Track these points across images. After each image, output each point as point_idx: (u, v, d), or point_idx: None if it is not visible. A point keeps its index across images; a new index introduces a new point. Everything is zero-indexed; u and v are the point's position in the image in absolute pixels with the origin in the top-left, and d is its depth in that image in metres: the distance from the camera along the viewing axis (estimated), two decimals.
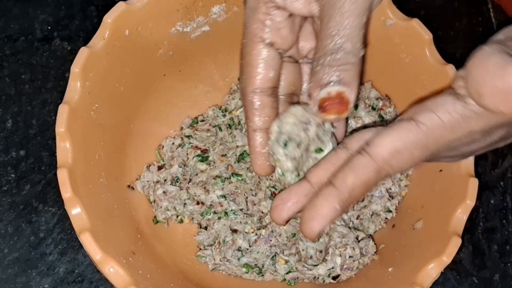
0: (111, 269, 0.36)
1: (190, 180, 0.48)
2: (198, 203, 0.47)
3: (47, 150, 0.51)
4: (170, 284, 0.41)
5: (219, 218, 0.47)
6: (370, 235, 0.46)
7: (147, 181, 0.48)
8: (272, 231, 0.46)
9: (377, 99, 0.49)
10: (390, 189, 0.46)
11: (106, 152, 0.43)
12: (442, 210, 0.40)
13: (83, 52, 0.40)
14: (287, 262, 0.45)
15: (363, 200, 0.46)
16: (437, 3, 0.60)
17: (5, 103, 0.52)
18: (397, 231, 0.45)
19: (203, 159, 0.48)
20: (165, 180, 0.48)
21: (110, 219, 0.40)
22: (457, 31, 0.59)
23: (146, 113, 0.49)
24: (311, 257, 0.44)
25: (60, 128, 0.38)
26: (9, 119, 0.51)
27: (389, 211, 0.46)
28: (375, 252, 0.44)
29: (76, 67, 0.39)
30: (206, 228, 0.48)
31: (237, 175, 0.48)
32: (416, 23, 0.43)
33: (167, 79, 0.49)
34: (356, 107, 0.49)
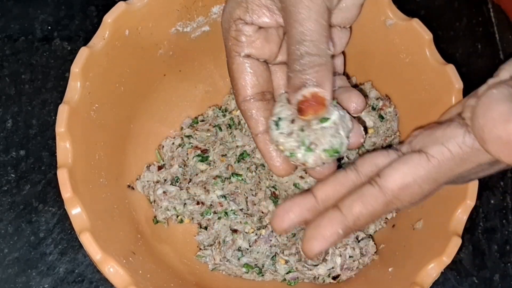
0: (111, 269, 0.36)
1: (190, 180, 0.48)
2: (198, 203, 0.47)
3: (47, 150, 0.51)
4: (170, 284, 0.41)
5: (219, 218, 0.47)
6: (370, 235, 0.46)
7: (147, 181, 0.48)
8: (272, 231, 0.46)
9: (377, 99, 0.49)
10: None
11: (106, 152, 0.43)
12: (442, 210, 0.40)
13: (83, 52, 0.40)
14: (287, 262, 0.45)
15: None
16: (437, 3, 0.60)
17: (5, 103, 0.52)
18: (397, 231, 0.45)
19: (203, 159, 0.48)
20: (165, 180, 0.48)
21: (110, 219, 0.40)
22: (457, 31, 0.59)
23: (146, 113, 0.49)
24: None
25: (60, 128, 0.38)
26: (9, 119, 0.51)
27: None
28: (375, 252, 0.44)
29: (76, 67, 0.39)
30: (206, 228, 0.48)
31: (237, 175, 0.48)
32: (416, 23, 0.43)
33: (167, 79, 0.49)
34: None
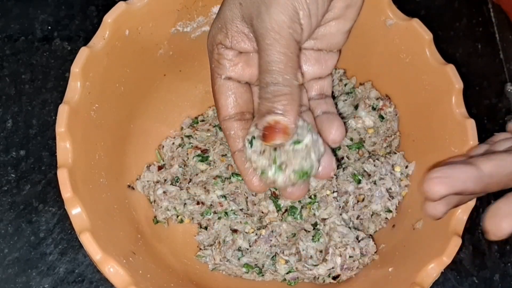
0: (111, 269, 0.36)
1: (190, 180, 0.48)
2: (198, 203, 0.47)
3: (47, 150, 0.51)
4: (170, 284, 0.41)
5: (219, 218, 0.47)
6: (370, 235, 0.46)
7: (147, 181, 0.48)
8: (272, 231, 0.46)
9: (377, 99, 0.49)
10: (390, 189, 0.46)
11: (106, 152, 0.43)
12: None
13: (83, 52, 0.40)
14: (287, 262, 0.45)
15: (363, 200, 0.46)
16: (437, 3, 0.60)
17: (5, 103, 0.52)
18: (397, 231, 0.45)
19: (203, 159, 0.48)
20: (165, 180, 0.48)
21: (110, 219, 0.40)
22: (457, 31, 0.59)
23: (146, 113, 0.49)
24: (311, 257, 0.44)
25: (60, 128, 0.38)
26: (9, 119, 0.51)
27: (389, 211, 0.46)
28: (375, 252, 0.44)
29: (76, 67, 0.39)
30: (206, 228, 0.48)
31: (237, 175, 0.48)
32: (416, 23, 0.43)
33: (167, 79, 0.49)
34: (357, 107, 0.49)
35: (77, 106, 0.39)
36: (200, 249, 0.47)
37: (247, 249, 0.46)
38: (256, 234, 0.46)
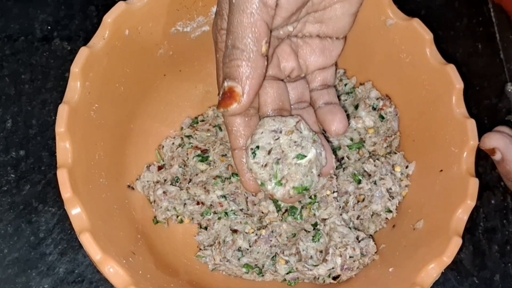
0: (111, 269, 0.36)
1: (190, 180, 0.48)
2: (198, 203, 0.47)
3: (47, 150, 0.51)
4: (170, 284, 0.41)
5: (219, 218, 0.47)
6: (371, 235, 0.46)
7: (147, 181, 0.48)
8: (272, 231, 0.46)
9: (378, 99, 0.49)
10: (391, 189, 0.46)
11: (106, 152, 0.43)
12: (443, 210, 0.40)
13: (83, 52, 0.39)
14: (287, 262, 0.45)
15: (364, 200, 0.46)
16: (438, 3, 0.60)
17: (5, 103, 0.52)
18: (398, 231, 0.45)
19: (203, 159, 0.48)
20: (165, 180, 0.48)
21: (110, 219, 0.40)
22: (458, 31, 0.59)
23: (146, 113, 0.48)
24: (311, 257, 0.44)
25: (60, 128, 0.38)
26: (9, 119, 0.51)
27: (390, 211, 0.46)
28: (376, 252, 0.44)
29: (76, 67, 0.39)
30: (206, 228, 0.47)
31: (237, 175, 0.48)
32: (417, 23, 0.43)
33: (167, 79, 0.49)
34: (357, 107, 0.49)
35: (77, 106, 0.39)
36: (200, 249, 0.47)
37: (247, 249, 0.46)
38: (256, 234, 0.46)
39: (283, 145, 0.38)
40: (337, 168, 0.47)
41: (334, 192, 0.46)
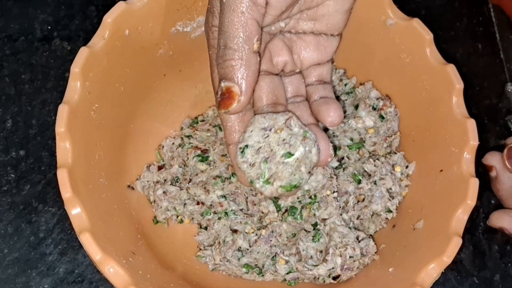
0: (111, 269, 0.36)
1: (190, 180, 0.48)
2: (198, 203, 0.47)
3: (47, 150, 0.51)
4: (170, 284, 0.41)
5: (219, 218, 0.47)
6: (371, 235, 0.46)
7: (147, 181, 0.48)
8: (272, 231, 0.46)
9: (378, 99, 0.49)
10: (391, 189, 0.46)
11: (106, 152, 0.43)
12: (443, 210, 0.40)
13: (83, 52, 0.39)
14: (287, 262, 0.45)
15: (364, 200, 0.46)
16: (438, 3, 0.60)
17: (5, 103, 0.52)
18: (398, 231, 0.45)
19: (203, 159, 0.48)
20: (165, 180, 0.48)
21: (110, 219, 0.40)
22: (458, 31, 0.59)
23: (146, 113, 0.48)
24: (312, 257, 0.44)
25: (60, 128, 0.38)
26: (9, 119, 0.51)
27: (390, 211, 0.46)
28: (376, 252, 0.44)
29: (76, 67, 0.39)
30: (206, 228, 0.47)
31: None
32: (417, 23, 0.43)
33: (167, 79, 0.49)
34: (357, 107, 0.49)
35: (77, 106, 0.39)
36: (200, 249, 0.47)
37: (247, 249, 0.46)
38: (256, 234, 0.46)
39: (272, 144, 0.38)
40: (337, 168, 0.47)
41: (334, 192, 0.45)
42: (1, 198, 0.49)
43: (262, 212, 0.47)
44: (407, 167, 0.47)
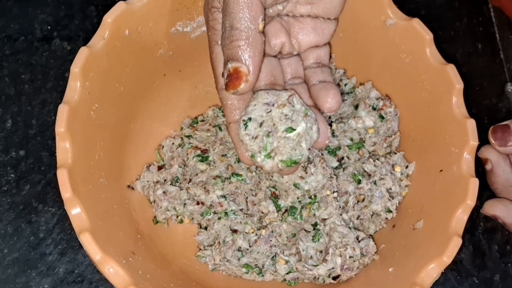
0: (111, 269, 0.36)
1: (190, 180, 0.48)
2: (198, 203, 0.47)
3: (47, 150, 0.50)
4: (170, 284, 0.41)
5: (219, 218, 0.47)
6: (371, 235, 0.46)
7: (147, 181, 0.48)
8: (272, 231, 0.46)
9: (378, 99, 0.49)
10: (391, 189, 0.46)
11: (106, 152, 0.43)
12: (443, 210, 0.40)
13: (83, 52, 0.39)
14: (287, 262, 0.45)
15: (363, 200, 0.46)
16: (438, 3, 0.60)
17: (5, 103, 0.52)
18: (398, 231, 0.45)
19: (203, 159, 0.48)
20: (165, 180, 0.48)
21: (110, 219, 0.40)
22: (458, 31, 0.59)
23: (146, 113, 0.48)
24: (311, 257, 0.44)
25: (60, 128, 0.38)
26: (9, 119, 0.51)
27: (390, 211, 0.46)
28: (376, 252, 0.44)
29: (76, 67, 0.39)
30: (206, 228, 0.47)
31: (237, 175, 0.48)
32: (417, 23, 0.43)
33: (167, 79, 0.49)
34: (357, 107, 0.49)
35: (77, 106, 0.39)
36: (200, 249, 0.47)
37: (247, 249, 0.46)
38: (256, 234, 0.46)
39: (275, 118, 0.39)
40: (337, 168, 0.47)
41: (334, 192, 0.46)
42: (1, 198, 0.49)
43: (262, 212, 0.47)
44: (407, 167, 0.47)
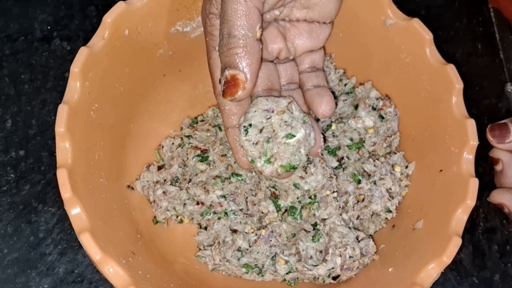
0: (111, 269, 0.36)
1: (190, 180, 0.48)
2: (198, 203, 0.47)
3: (47, 150, 0.50)
4: (170, 284, 0.41)
5: (219, 218, 0.47)
6: (370, 235, 0.46)
7: (147, 181, 0.48)
8: (272, 231, 0.46)
9: (377, 99, 0.49)
10: (390, 189, 0.46)
11: (106, 152, 0.43)
12: (443, 210, 0.40)
13: (83, 52, 0.39)
14: (287, 262, 0.45)
15: (363, 200, 0.46)
16: (438, 3, 0.60)
17: (5, 103, 0.52)
18: (397, 231, 0.45)
19: (203, 159, 0.48)
20: (165, 180, 0.48)
21: (110, 219, 0.40)
22: (457, 31, 0.59)
23: (146, 113, 0.48)
24: (311, 257, 0.44)
25: (60, 128, 0.38)
26: (9, 119, 0.51)
27: (389, 211, 0.46)
28: (375, 252, 0.44)
29: (76, 67, 0.39)
30: (206, 228, 0.47)
31: (237, 175, 0.48)
32: (417, 23, 0.43)
33: (167, 79, 0.49)
34: (357, 107, 0.49)
35: (77, 106, 0.39)
36: (200, 249, 0.47)
37: (247, 249, 0.46)
38: (256, 234, 0.46)
39: (274, 125, 0.39)
40: (337, 168, 0.47)
41: (334, 192, 0.46)
42: (1, 198, 0.49)
43: (262, 212, 0.47)
44: (407, 167, 0.47)
